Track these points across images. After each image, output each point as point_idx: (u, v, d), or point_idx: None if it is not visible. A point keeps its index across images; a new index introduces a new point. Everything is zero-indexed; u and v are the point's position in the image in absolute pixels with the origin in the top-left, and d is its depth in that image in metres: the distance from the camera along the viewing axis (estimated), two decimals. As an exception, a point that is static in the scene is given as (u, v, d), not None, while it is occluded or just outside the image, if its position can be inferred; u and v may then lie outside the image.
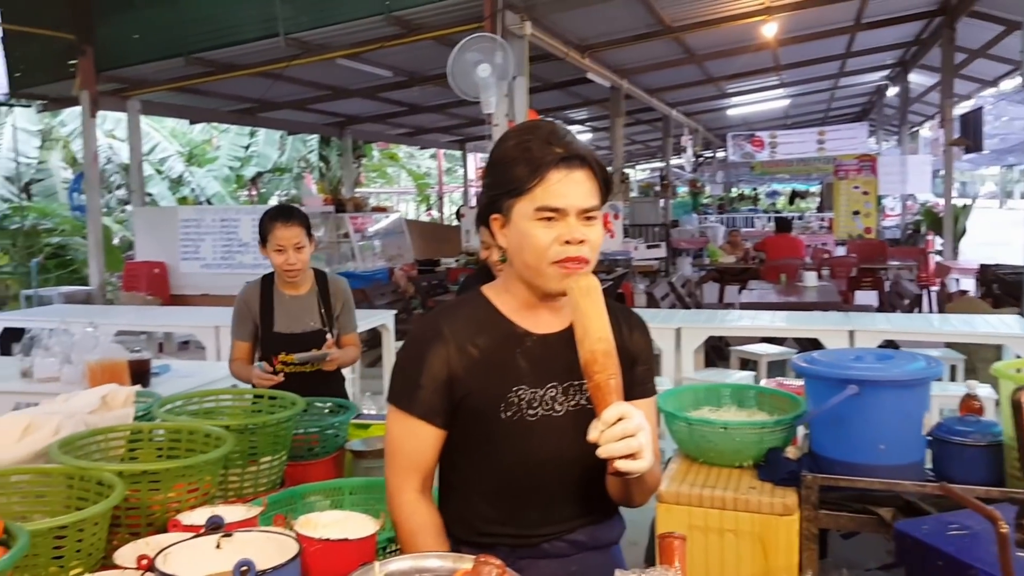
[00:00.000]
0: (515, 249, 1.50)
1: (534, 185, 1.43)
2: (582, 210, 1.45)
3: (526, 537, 1.55)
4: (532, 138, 1.46)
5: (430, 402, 1.50)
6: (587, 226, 1.46)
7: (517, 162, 1.45)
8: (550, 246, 1.44)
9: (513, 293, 1.55)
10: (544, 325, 1.55)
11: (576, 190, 1.44)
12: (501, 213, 1.50)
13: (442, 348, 1.50)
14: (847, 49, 13.35)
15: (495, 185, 1.50)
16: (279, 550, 1.40)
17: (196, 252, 9.53)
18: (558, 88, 12.40)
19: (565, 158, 1.44)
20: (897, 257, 12.61)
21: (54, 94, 9.62)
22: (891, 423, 2.36)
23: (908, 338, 5.81)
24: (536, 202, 1.44)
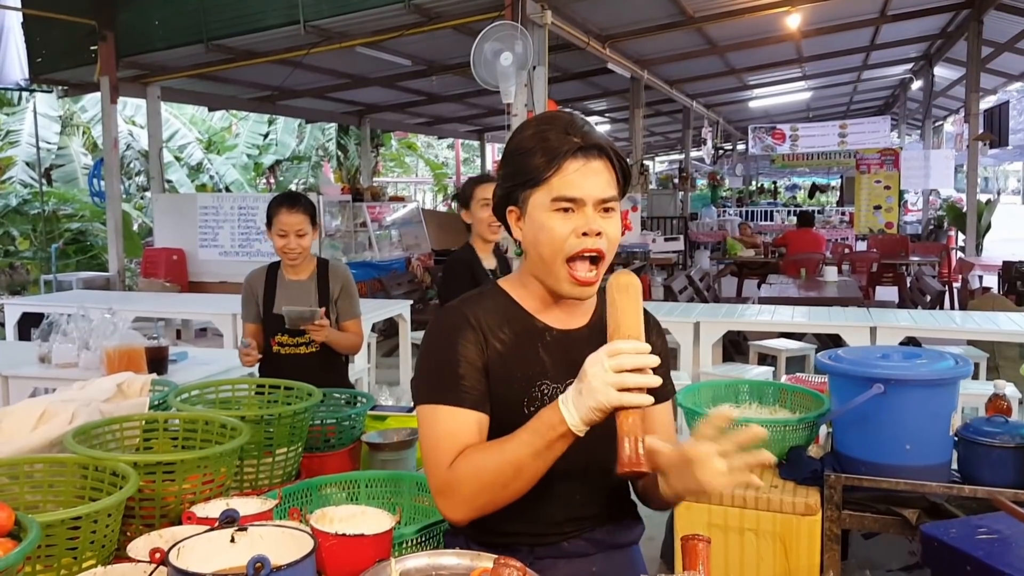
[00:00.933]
0: (531, 242, 1.46)
1: (551, 175, 1.40)
2: (600, 200, 1.41)
3: (545, 536, 1.51)
4: (550, 128, 1.43)
5: (477, 391, 1.43)
6: (605, 218, 1.42)
7: (534, 152, 1.42)
8: (567, 238, 1.40)
9: (529, 288, 1.52)
10: (565, 320, 1.52)
11: (594, 180, 1.41)
12: (517, 205, 1.47)
13: (472, 335, 1.46)
14: (871, 42, 13.17)
15: (511, 176, 1.47)
16: (294, 545, 1.37)
17: (215, 239, 9.55)
18: (578, 78, 12.32)
19: (583, 148, 1.41)
20: (919, 253, 12.47)
21: (75, 80, 9.64)
22: (918, 423, 2.31)
23: (931, 335, 5.73)
24: (553, 192, 1.41)
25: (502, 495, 1.36)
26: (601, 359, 1.25)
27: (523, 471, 1.33)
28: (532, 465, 1.32)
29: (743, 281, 11.75)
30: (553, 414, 1.30)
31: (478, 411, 1.43)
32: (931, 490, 2.29)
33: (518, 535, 1.49)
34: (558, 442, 1.30)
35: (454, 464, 1.38)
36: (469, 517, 1.40)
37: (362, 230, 10.42)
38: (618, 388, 1.23)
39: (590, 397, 1.25)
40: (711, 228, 18.69)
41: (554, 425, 1.29)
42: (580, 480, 1.52)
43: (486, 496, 1.36)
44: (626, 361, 1.24)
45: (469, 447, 1.39)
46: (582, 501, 1.52)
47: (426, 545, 1.71)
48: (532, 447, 1.31)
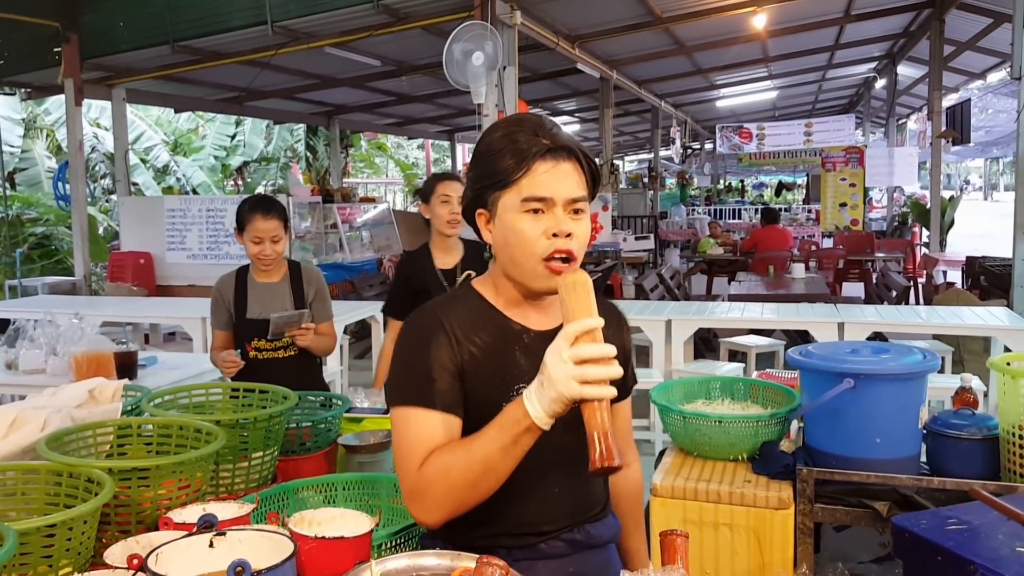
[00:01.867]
0: (501, 244, 1.46)
1: (520, 176, 1.41)
2: (570, 200, 1.42)
3: (523, 537, 1.50)
4: (519, 130, 1.43)
5: (449, 393, 1.42)
6: (574, 219, 1.43)
7: (503, 154, 1.42)
8: (537, 240, 1.41)
9: (502, 290, 1.51)
10: (540, 321, 1.51)
11: (564, 181, 1.42)
12: (486, 208, 1.47)
13: (445, 339, 1.45)
14: (836, 41, 13.35)
15: (480, 178, 1.47)
16: (274, 549, 1.37)
17: (182, 242, 9.44)
18: (548, 78, 12.36)
19: (552, 149, 1.42)
20: (884, 249, 12.66)
21: (38, 82, 9.51)
22: (887, 417, 2.35)
23: (897, 330, 5.82)
24: (523, 193, 1.41)
25: (473, 494, 1.35)
26: (560, 348, 1.23)
27: (492, 468, 1.32)
28: (500, 462, 1.31)
29: (713, 279, 11.85)
30: (517, 408, 1.29)
31: (449, 414, 1.42)
32: (901, 482, 2.33)
33: (495, 537, 1.49)
34: (524, 436, 1.29)
35: (423, 466, 1.37)
36: (441, 519, 1.38)
37: (333, 232, 10.36)
38: (579, 381, 1.21)
39: (551, 388, 1.23)
40: (681, 227, 18.83)
41: (519, 419, 1.28)
42: (556, 481, 1.52)
43: (457, 497, 1.35)
44: (585, 351, 1.22)
45: (438, 449, 1.38)
46: (559, 502, 1.52)
47: (404, 547, 1.71)
48: (499, 443, 1.30)
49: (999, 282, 8.07)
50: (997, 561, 1.67)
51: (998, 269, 8.34)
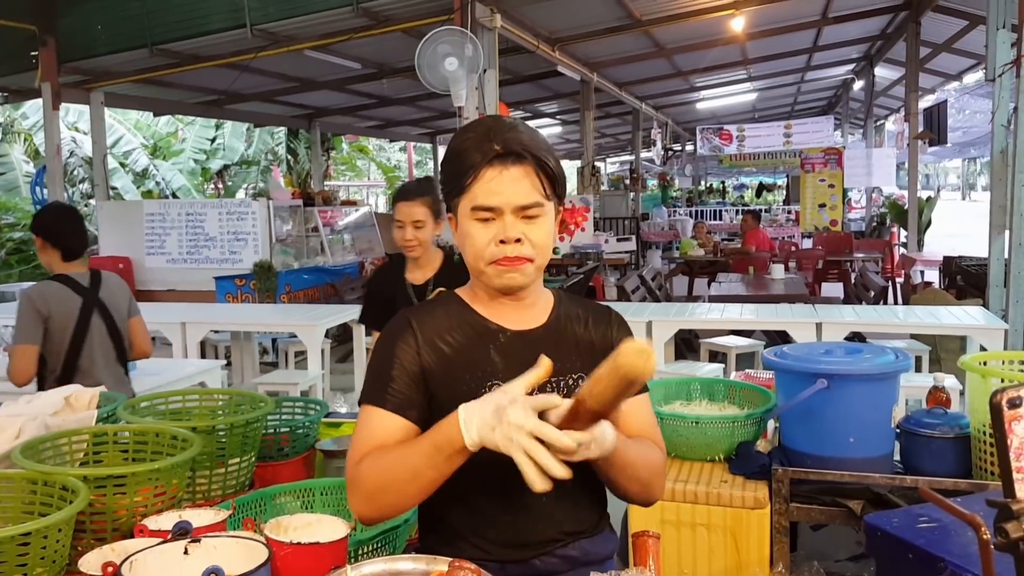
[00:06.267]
0: (461, 247, 1.49)
1: (470, 183, 1.41)
2: (518, 207, 1.41)
3: (517, 552, 1.46)
4: (472, 135, 1.43)
5: (403, 395, 1.43)
6: (527, 224, 1.42)
7: (457, 159, 1.44)
8: (487, 246, 1.42)
9: (478, 292, 1.52)
10: (519, 321, 1.50)
11: (511, 188, 1.40)
12: (452, 212, 1.49)
13: (411, 340, 1.46)
14: (814, 43, 13.46)
15: (444, 183, 1.49)
16: (248, 555, 1.37)
17: (162, 247, 9.39)
18: (529, 81, 12.38)
19: (500, 155, 1.40)
20: (863, 249, 12.76)
21: (15, 86, 9.41)
22: (860, 416, 2.38)
23: (874, 330, 5.88)
24: (473, 200, 1.42)
25: (398, 498, 1.36)
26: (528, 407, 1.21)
27: (418, 478, 1.32)
28: (427, 474, 1.31)
29: (694, 280, 11.91)
30: (452, 428, 1.27)
31: (400, 415, 1.42)
32: (875, 481, 2.36)
33: (487, 551, 1.46)
34: (456, 456, 1.28)
35: (362, 461, 1.38)
36: (370, 515, 1.39)
37: (314, 235, 10.33)
38: (522, 451, 1.18)
39: (498, 433, 1.21)
40: (663, 228, 18.90)
41: (452, 440, 1.27)
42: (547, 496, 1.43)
43: (382, 497, 1.36)
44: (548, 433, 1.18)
45: (380, 447, 1.39)
46: (551, 517, 1.48)
47: (384, 551, 1.72)
48: (429, 458, 1.30)
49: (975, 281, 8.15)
50: (966, 558, 1.71)
51: (974, 269, 8.42)
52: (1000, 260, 6.18)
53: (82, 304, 3.34)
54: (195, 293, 8.69)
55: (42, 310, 3.23)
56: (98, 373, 3.37)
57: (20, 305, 3.27)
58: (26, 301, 3.25)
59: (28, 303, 3.24)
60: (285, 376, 6.30)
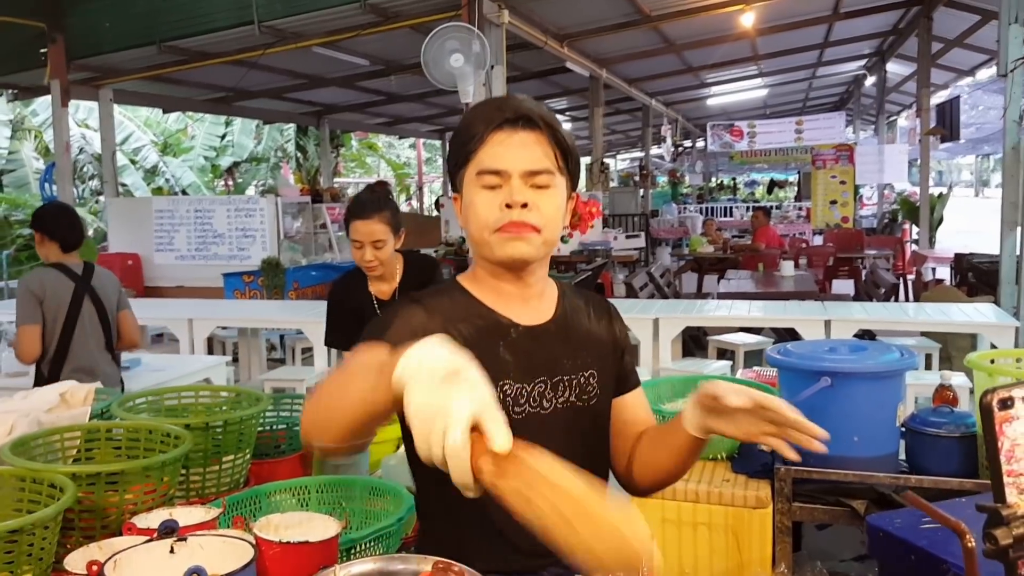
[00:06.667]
0: (465, 224, 1.39)
1: (477, 148, 1.33)
2: (527, 172, 1.31)
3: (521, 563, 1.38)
4: (481, 107, 1.37)
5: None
6: (536, 192, 1.32)
7: (463, 132, 1.36)
8: (491, 213, 1.32)
9: (484, 282, 1.41)
10: (529, 316, 1.41)
11: (520, 151, 1.32)
12: (458, 191, 1.40)
13: (421, 313, 1.35)
14: (825, 39, 13.38)
15: (450, 159, 1.40)
16: (235, 554, 1.35)
17: (170, 243, 9.42)
18: (537, 77, 12.35)
19: (509, 119, 1.32)
20: (874, 246, 12.68)
21: (24, 83, 9.45)
22: (865, 415, 2.35)
23: (884, 327, 5.83)
24: (479, 166, 1.33)
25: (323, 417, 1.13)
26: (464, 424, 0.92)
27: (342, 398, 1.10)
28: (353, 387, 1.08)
29: (703, 277, 11.86)
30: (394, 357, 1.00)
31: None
32: (879, 480, 2.32)
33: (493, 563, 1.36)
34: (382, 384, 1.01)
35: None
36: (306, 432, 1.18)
37: (322, 231, 10.35)
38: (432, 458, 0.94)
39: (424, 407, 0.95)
40: (672, 225, 18.84)
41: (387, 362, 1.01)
42: None
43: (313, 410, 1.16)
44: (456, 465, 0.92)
45: None
46: None
47: (377, 549, 1.70)
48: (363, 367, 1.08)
49: (987, 278, 8.08)
50: (969, 560, 1.67)
51: (986, 265, 8.35)
52: (1012, 257, 6.12)
53: (74, 289, 3.63)
54: (204, 289, 8.70)
55: (37, 293, 3.53)
56: (88, 356, 3.68)
57: (18, 291, 3.63)
58: (22, 286, 3.62)
59: (24, 287, 3.59)
60: (291, 372, 6.30)
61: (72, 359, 3.63)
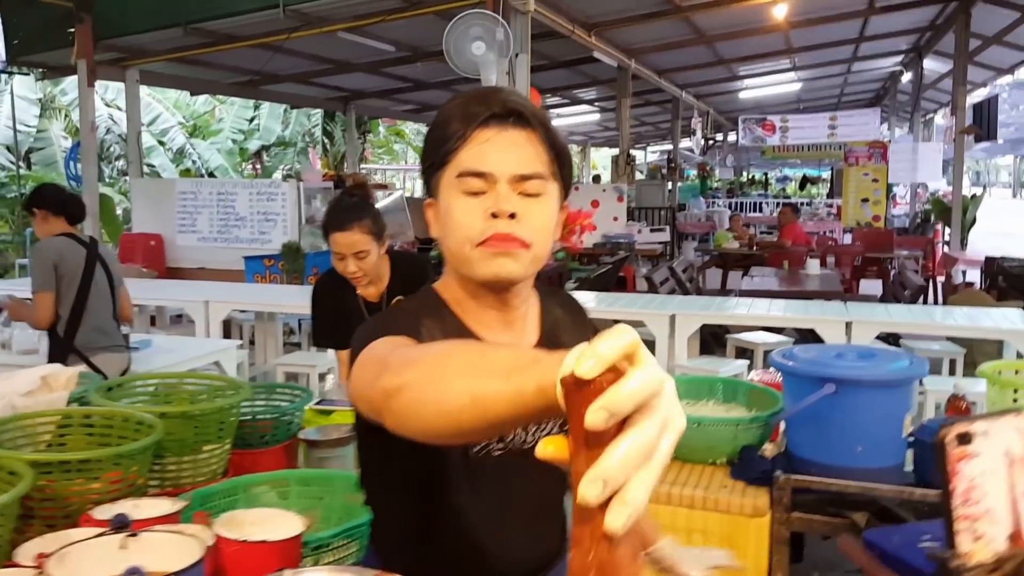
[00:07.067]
0: (442, 235, 1.20)
1: (458, 146, 1.15)
2: (517, 176, 1.14)
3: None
4: (462, 100, 1.18)
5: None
6: (525, 201, 1.15)
7: (445, 125, 1.17)
8: (474, 223, 1.14)
9: (463, 303, 1.24)
10: (513, 342, 1.26)
11: (509, 153, 1.14)
12: (433, 196, 1.22)
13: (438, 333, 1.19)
14: (860, 33, 13.11)
15: (425, 158, 1.22)
16: (187, 552, 1.31)
17: (193, 225, 9.45)
18: (565, 67, 12.22)
19: (497, 115, 1.14)
20: (904, 247, 12.44)
21: (53, 62, 9.49)
22: (869, 424, 2.26)
23: (906, 330, 5.70)
24: (459, 166, 1.15)
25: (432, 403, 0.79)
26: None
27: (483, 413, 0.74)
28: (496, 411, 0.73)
29: (727, 273, 11.72)
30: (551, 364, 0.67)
31: None
32: (882, 493, 2.23)
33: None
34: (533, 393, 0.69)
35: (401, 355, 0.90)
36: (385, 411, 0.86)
37: (344, 217, 10.31)
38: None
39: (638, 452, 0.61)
40: (699, 219, 18.65)
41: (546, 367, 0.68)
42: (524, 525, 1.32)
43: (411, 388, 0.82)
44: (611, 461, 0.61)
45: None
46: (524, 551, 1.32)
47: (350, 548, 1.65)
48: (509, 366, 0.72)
49: (1017, 283, 7.89)
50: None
51: (1017, 270, 8.15)
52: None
53: (87, 255, 3.79)
54: (224, 272, 8.72)
55: (54, 258, 3.66)
56: (101, 321, 3.86)
57: (33, 258, 3.76)
58: (38, 253, 3.72)
59: (40, 254, 3.70)
60: (305, 358, 6.28)
61: (87, 320, 3.79)
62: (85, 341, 3.80)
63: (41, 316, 3.68)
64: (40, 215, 3.76)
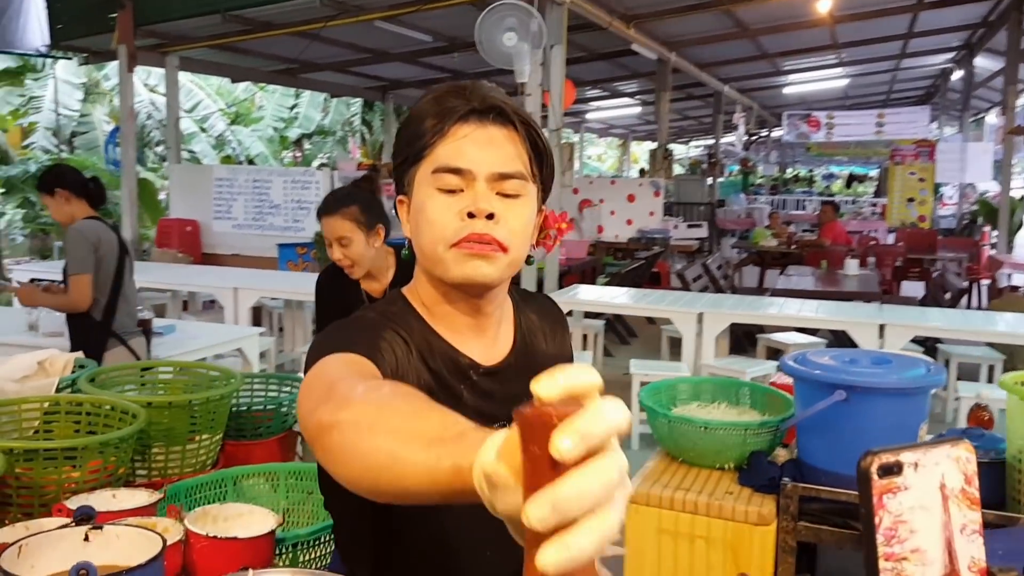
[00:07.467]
0: (414, 233, 1.14)
1: (435, 141, 1.10)
2: (496, 175, 1.09)
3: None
4: (445, 92, 1.13)
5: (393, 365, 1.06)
6: (504, 203, 1.10)
7: (420, 119, 1.12)
8: (449, 223, 1.08)
9: (432, 306, 1.18)
10: (487, 352, 1.21)
11: (489, 150, 1.09)
12: (405, 192, 1.16)
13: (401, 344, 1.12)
14: (909, 29, 12.79)
15: (398, 153, 1.17)
16: (149, 548, 1.28)
17: (228, 212, 9.54)
18: (604, 59, 12.10)
19: (478, 110, 1.10)
20: (948, 248, 12.13)
21: (95, 47, 9.63)
22: (882, 433, 2.16)
23: (941, 334, 5.54)
24: (436, 162, 1.10)
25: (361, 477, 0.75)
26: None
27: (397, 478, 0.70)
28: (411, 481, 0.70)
29: (765, 271, 11.53)
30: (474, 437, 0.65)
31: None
32: (893, 505, 2.15)
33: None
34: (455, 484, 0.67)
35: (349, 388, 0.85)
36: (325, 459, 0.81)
37: (378, 207, 10.35)
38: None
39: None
40: (739, 216, 18.39)
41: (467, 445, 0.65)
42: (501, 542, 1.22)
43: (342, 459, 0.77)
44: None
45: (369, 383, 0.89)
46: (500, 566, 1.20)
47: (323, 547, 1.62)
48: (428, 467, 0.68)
49: (1064, 288, 7.64)
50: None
51: (1064, 275, 7.89)
52: (1088, 267, 5.74)
53: (118, 239, 3.76)
54: (258, 259, 8.79)
55: (93, 241, 3.58)
56: (133, 303, 3.86)
57: (71, 240, 3.62)
58: (77, 235, 3.59)
59: (79, 235, 3.58)
60: (330, 347, 6.29)
61: (123, 303, 3.77)
62: (121, 325, 3.79)
63: (80, 298, 3.61)
64: (62, 196, 3.67)
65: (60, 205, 3.67)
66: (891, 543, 0.74)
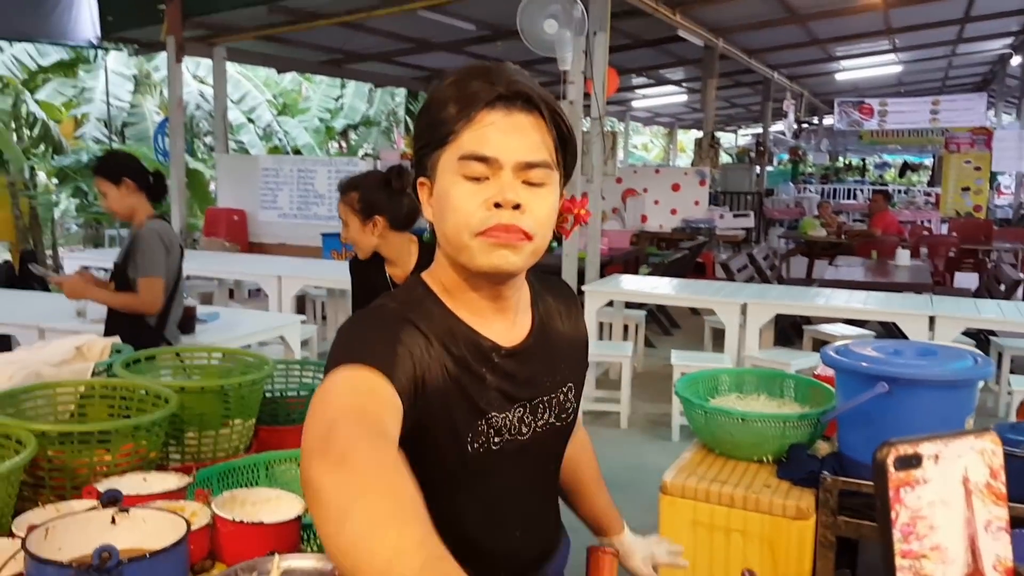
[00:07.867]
0: (437, 219, 1.15)
1: (461, 127, 1.10)
2: (522, 164, 1.10)
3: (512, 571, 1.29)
4: (470, 76, 1.12)
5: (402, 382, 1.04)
6: (529, 191, 1.10)
7: (446, 103, 1.12)
8: (474, 211, 1.09)
9: (452, 288, 1.19)
10: (508, 334, 1.22)
11: (516, 137, 1.09)
12: (427, 175, 1.16)
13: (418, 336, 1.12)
14: (966, 13, 12.40)
15: (420, 135, 1.16)
16: (175, 531, 1.29)
17: (274, 201, 9.64)
18: (649, 46, 11.95)
19: (504, 96, 1.10)
20: (1004, 239, 11.78)
21: (144, 39, 9.78)
22: (925, 427, 2.09)
23: (993, 327, 5.40)
24: (461, 149, 1.09)
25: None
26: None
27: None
28: None
29: (813, 262, 11.33)
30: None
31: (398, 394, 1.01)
32: (937, 501, 2.08)
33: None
34: None
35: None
36: None
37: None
38: None
39: None
40: (787, 205, 18.09)
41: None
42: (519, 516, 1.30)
43: None
44: None
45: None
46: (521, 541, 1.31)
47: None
48: None
49: (1126, 280, 7.36)
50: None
51: None
52: None
53: (179, 243, 3.67)
54: (304, 248, 8.88)
55: (167, 244, 3.49)
56: (182, 307, 3.77)
57: (147, 240, 3.46)
58: (153, 236, 3.46)
59: (156, 237, 3.46)
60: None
61: (175, 309, 3.68)
62: (171, 333, 3.66)
63: (152, 300, 3.45)
64: (129, 186, 3.48)
65: (123, 196, 3.49)
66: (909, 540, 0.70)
